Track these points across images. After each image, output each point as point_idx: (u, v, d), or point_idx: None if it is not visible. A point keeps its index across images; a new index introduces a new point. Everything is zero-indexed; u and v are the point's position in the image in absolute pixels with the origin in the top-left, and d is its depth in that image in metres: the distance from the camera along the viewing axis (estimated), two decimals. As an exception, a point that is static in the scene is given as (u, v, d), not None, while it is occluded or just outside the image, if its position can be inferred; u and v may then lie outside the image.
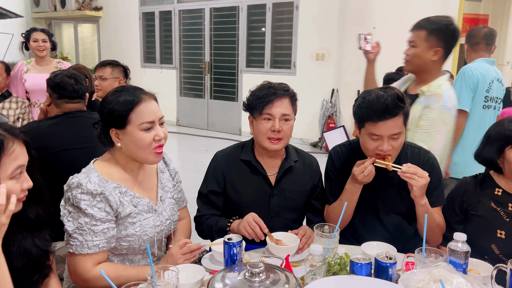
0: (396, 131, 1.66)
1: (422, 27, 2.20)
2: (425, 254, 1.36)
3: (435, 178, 1.80)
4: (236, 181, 1.86)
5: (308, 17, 7.13)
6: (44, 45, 3.85)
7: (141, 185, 1.55)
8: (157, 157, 1.49)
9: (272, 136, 1.77)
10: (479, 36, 3.15)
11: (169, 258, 1.47)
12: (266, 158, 1.88)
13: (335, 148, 1.97)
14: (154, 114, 1.47)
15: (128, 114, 1.43)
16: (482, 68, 3.05)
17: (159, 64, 9.28)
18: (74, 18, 10.19)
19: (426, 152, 1.85)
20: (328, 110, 7.03)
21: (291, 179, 1.88)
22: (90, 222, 1.39)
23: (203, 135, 8.13)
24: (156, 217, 1.55)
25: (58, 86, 2.23)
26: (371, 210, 1.84)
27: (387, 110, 1.63)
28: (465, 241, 1.35)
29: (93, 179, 1.41)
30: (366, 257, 1.35)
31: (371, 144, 1.71)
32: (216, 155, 1.94)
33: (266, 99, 1.76)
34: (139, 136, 1.44)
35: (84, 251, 1.38)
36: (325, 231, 1.57)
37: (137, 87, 1.53)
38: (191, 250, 1.46)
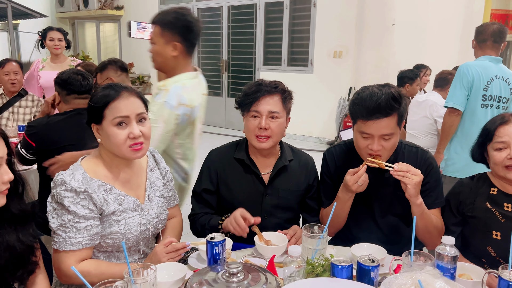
0: (388, 131, 1.60)
1: (156, 23, 2.03)
2: (413, 258, 1.31)
3: (433, 179, 1.75)
4: (229, 180, 1.84)
5: (326, 14, 7.05)
6: (59, 44, 3.98)
7: (128, 183, 1.55)
8: (134, 154, 1.46)
9: (259, 133, 1.74)
10: (486, 33, 3.04)
11: (154, 256, 1.46)
12: (259, 157, 1.85)
13: (329, 150, 1.93)
14: (129, 109, 1.44)
15: (104, 109, 1.43)
16: (480, 66, 2.97)
17: (178, 63, 9.33)
18: (96, 17, 10.39)
19: (423, 152, 1.79)
20: (345, 109, 6.93)
21: (285, 178, 1.85)
22: (73, 219, 1.39)
23: (221, 133, 8.15)
24: (142, 215, 1.55)
25: (65, 82, 2.31)
26: (366, 211, 1.80)
27: (379, 109, 1.57)
28: (453, 245, 1.30)
29: (77, 177, 1.41)
30: (352, 259, 1.31)
31: (361, 142, 1.66)
32: (210, 153, 1.92)
33: (253, 95, 1.73)
34: (112, 132, 1.43)
35: (67, 247, 1.39)
36: (314, 231, 1.53)
37: (124, 84, 1.51)
38: (175, 249, 1.46)
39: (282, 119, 1.76)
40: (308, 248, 1.49)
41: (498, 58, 3.04)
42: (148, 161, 1.66)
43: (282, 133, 1.79)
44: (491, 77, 2.95)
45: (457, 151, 3.04)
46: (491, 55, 3.04)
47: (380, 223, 1.79)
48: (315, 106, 7.29)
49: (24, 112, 3.48)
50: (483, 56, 3.06)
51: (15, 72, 3.46)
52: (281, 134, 1.78)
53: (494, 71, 2.97)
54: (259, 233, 1.62)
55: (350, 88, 6.91)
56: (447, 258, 1.27)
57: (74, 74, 2.34)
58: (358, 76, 6.72)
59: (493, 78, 2.96)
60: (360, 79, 6.66)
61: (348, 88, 6.94)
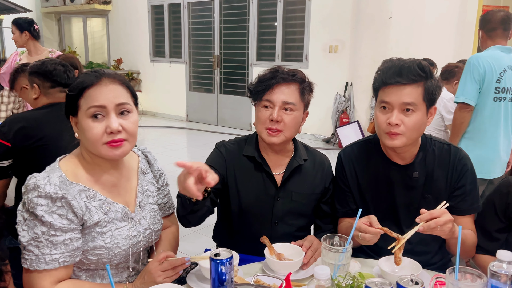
0: (409, 100, 1.40)
1: None
2: (458, 276, 1.10)
3: (469, 181, 1.53)
4: (238, 179, 1.62)
5: (321, 7, 6.84)
6: (13, 38, 3.70)
7: (115, 187, 1.30)
8: (112, 151, 1.21)
9: (270, 126, 1.53)
10: (495, 20, 2.83)
11: (147, 275, 1.22)
12: (271, 155, 1.63)
13: (345, 150, 1.69)
14: (107, 98, 1.19)
15: (79, 98, 1.20)
16: (492, 57, 2.77)
17: (168, 58, 9.08)
18: (83, 12, 10.07)
19: (456, 150, 1.57)
20: (341, 105, 6.74)
21: (299, 180, 1.63)
22: (47, 231, 1.14)
23: (213, 131, 7.91)
24: (132, 226, 1.30)
25: (51, 74, 2.09)
26: (392, 217, 1.57)
27: (401, 72, 1.39)
28: (511, 261, 1.08)
29: (54, 180, 1.16)
30: (384, 278, 1.09)
31: (380, 117, 1.45)
32: (218, 145, 1.69)
33: (267, 82, 1.53)
34: (86, 125, 1.19)
35: (40, 266, 1.14)
36: (335, 243, 1.31)
37: (110, 71, 1.27)
38: (173, 266, 1.22)
39: (298, 112, 1.55)
40: (329, 263, 1.27)
41: (509, 47, 2.84)
42: (139, 163, 1.42)
43: (296, 129, 1.58)
44: (504, 68, 2.76)
45: (468, 148, 2.83)
46: (502, 44, 2.84)
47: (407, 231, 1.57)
48: (311, 102, 7.07)
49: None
50: (493, 46, 2.86)
51: None
52: (295, 130, 1.58)
53: (506, 61, 2.77)
54: (270, 245, 1.39)
55: (346, 83, 6.72)
56: (505, 278, 1.05)
57: (59, 65, 2.12)
58: (354, 71, 6.53)
59: (506, 69, 2.76)
60: (357, 74, 6.48)
61: (344, 83, 6.74)
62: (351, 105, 6.64)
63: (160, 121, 8.82)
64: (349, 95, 6.68)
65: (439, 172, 1.54)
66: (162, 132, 7.75)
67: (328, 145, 6.89)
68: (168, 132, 7.81)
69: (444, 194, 1.55)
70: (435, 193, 1.54)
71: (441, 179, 1.54)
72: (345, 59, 6.72)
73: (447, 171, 1.54)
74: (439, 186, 1.55)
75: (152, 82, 9.49)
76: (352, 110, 6.63)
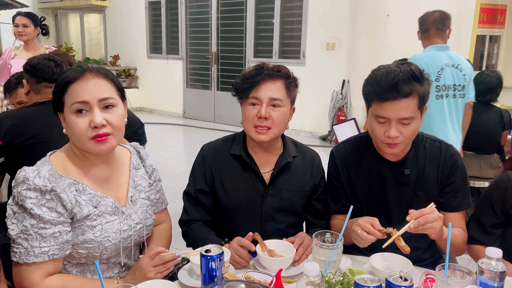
0: (407, 115, 1.38)
1: None
2: (448, 273, 1.10)
3: (459, 177, 1.53)
4: (225, 179, 1.61)
5: (319, 4, 6.83)
6: (24, 31, 3.64)
7: (107, 182, 1.31)
8: (98, 146, 1.21)
9: (258, 123, 1.51)
10: (428, 22, 2.97)
11: (138, 270, 1.22)
12: (259, 153, 1.62)
13: (337, 147, 1.68)
14: (90, 93, 1.19)
15: (63, 94, 1.21)
16: (428, 57, 2.88)
17: (165, 55, 9.05)
18: (80, 8, 10.03)
19: (448, 146, 1.57)
20: (338, 102, 6.74)
21: (288, 177, 1.62)
22: (37, 224, 1.15)
23: (210, 128, 7.90)
24: (123, 220, 1.30)
25: (35, 69, 2.03)
26: (383, 214, 1.57)
27: (396, 88, 1.35)
28: (500, 259, 1.08)
29: (43, 173, 1.17)
30: (375, 274, 1.10)
31: (377, 129, 1.44)
32: (202, 148, 1.68)
33: (253, 80, 1.50)
34: (71, 121, 1.20)
35: (29, 259, 1.14)
36: (326, 240, 1.31)
37: (95, 65, 1.26)
38: (164, 262, 1.22)
39: (285, 108, 1.54)
40: (320, 260, 1.27)
41: (445, 45, 2.94)
42: (131, 158, 1.42)
43: (285, 125, 1.57)
44: (441, 66, 2.86)
45: None
46: (437, 43, 2.94)
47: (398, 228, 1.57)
48: (307, 99, 7.07)
49: None
50: (429, 46, 2.97)
51: None
52: (283, 126, 1.56)
53: (443, 59, 2.87)
54: (262, 241, 1.39)
55: (344, 81, 6.72)
56: (493, 274, 1.05)
57: (45, 60, 2.06)
58: (351, 68, 6.52)
59: (443, 67, 2.87)
60: (354, 72, 6.47)
61: (342, 81, 6.74)
62: (348, 103, 6.64)
63: (157, 118, 8.80)
64: (346, 92, 6.68)
65: (430, 168, 1.55)
66: (159, 129, 7.73)
67: (324, 143, 6.89)
68: (165, 129, 7.80)
69: (435, 190, 1.55)
70: (426, 190, 1.54)
71: (432, 176, 1.55)
72: (342, 57, 6.72)
73: (438, 167, 1.54)
74: (430, 183, 1.55)
75: (149, 79, 9.46)
76: (349, 107, 6.63)
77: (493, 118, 3.32)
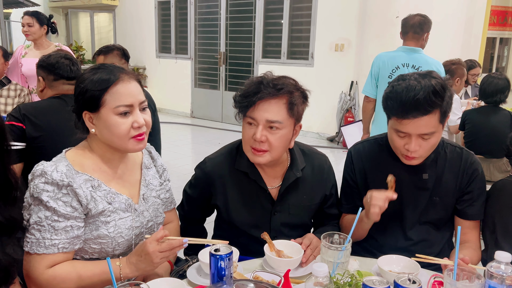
0: (427, 131, 1.36)
1: None
2: (456, 276, 1.10)
3: (477, 186, 1.53)
4: (231, 197, 1.54)
5: (327, 5, 6.82)
6: (29, 30, 3.66)
7: (121, 179, 1.34)
8: (138, 145, 1.28)
9: (254, 146, 1.41)
10: (407, 25, 3.19)
11: (144, 254, 1.19)
12: (266, 168, 1.53)
13: (356, 146, 1.67)
14: (133, 96, 1.26)
15: (102, 95, 1.23)
16: (387, 56, 3.19)
17: (174, 54, 9.09)
18: (90, 7, 10.10)
19: (468, 154, 1.56)
20: (346, 103, 6.72)
21: (297, 192, 1.55)
22: (51, 217, 1.18)
23: (217, 128, 7.92)
24: (136, 217, 1.33)
25: (54, 67, 2.13)
26: (396, 218, 1.57)
27: (417, 106, 1.32)
28: (509, 262, 1.08)
29: (61, 168, 1.20)
30: (383, 276, 1.10)
31: (397, 141, 1.43)
32: (204, 162, 1.59)
33: (250, 98, 1.38)
34: (114, 122, 1.23)
35: (40, 250, 1.17)
36: (334, 241, 1.32)
37: (118, 66, 1.31)
38: (172, 248, 1.19)
39: (285, 130, 1.41)
40: (328, 261, 1.27)
41: (415, 48, 3.17)
42: (143, 158, 1.45)
43: (285, 146, 1.46)
44: (397, 65, 3.12)
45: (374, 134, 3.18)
46: (410, 45, 3.18)
47: (410, 231, 1.57)
48: (315, 100, 7.01)
49: (6, 103, 3.23)
50: (400, 46, 3.23)
51: None
52: (283, 148, 1.45)
53: (402, 59, 3.12)
54: (270, 241, 1.40)
55: (352, 82, 6.70)
56: (503, 278, 1.05)
57: (63, 58, 2.16)
58: (360, 70, 6.50)
59: (399, 66, 3.12)
60: (362, 73, 6.45)
61: (350, 82, 6.73)
62: (356, 104, 6.62)
63: (165, 117, 8.83)
64: (354, 94, 6.66)
65: (449, 175, 1.54)
66: (167, 128, 7.75)
67: (332, 144, 6.88)
68: (173, 128, 7.82)
69: (452, 197, 1.55)
70: (443, 196, 1.54)
71: (451, 182, 1.54)
72: (351, 58, 6.70)
73: (458, 174, 1.53)
74: (448, 189, 1.54)
75: (157, 78, 9.50)
76: (357, 109, 6.62)
77: (503, 121, 3.28)
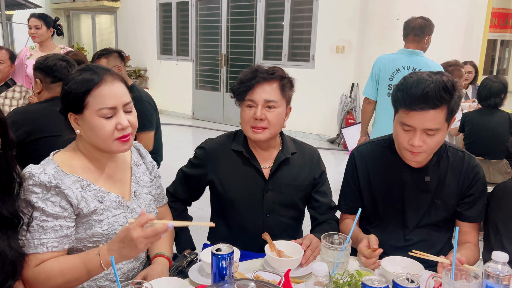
0: (433, 126, 1.37)
1: None
2: (454, 276, 1.12)
3: (479, 190, 1.54)
4: (227, 173, 1.68)
5: (328, 7, 6.84)
6: (36, 32, 3.71)
7: (111, 178, 1.36)
8: (123, 146, 1.29)
9: (254, 124, 1.59)
10: (408, 28, 3.22)
11: (128, 243, 1.12)
12: (259, 149, 1.69)
13: (359, 148, 1.69)
14: (117, 98, 1.26)
15: (85, 97, 1.24)
16: (388, 58, 3.21)
17: (175, 56, 9.12)
18: (92, 9, 10.14)
19: (471, 157, 1.57)
20: (347, 105, 6.74)
21: (287, 172, 1.69)
22: (39, 217, 1.20)
23: (218, 129, 7.93)
24: (128, 214, 1.35)
25: (52, 69, 2.14)
26: (399, 217, 1.59)
27: (425, 99, 1.34)
28: (506, 262, 1.10)
29: (48, 170, 1.22)
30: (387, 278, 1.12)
31: (402, 136, 1.44)
32: (206, 142, 1.76)
33: (248, 83, 1.58)
34: (98, 124, 1.24)
35: (29, 251, 1.18)
36: (335, 242, 1.34)
37: (104, 66, 1.32)
38: (156, 233, 1.11)
39: (280, 108, 1.61)
40: (328, 261, 1.29)
41: (416, 51, 3.17)
42: (132, 155, 1.47)
43: (281, 124, 1.64)
44: (398, 68, 3.14)
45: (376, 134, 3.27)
46: (410, 48, 3.19)
47: (411, 233, 1.59)
48: (316, 102, 7.09)
49: (11, 104, 3.25)
50: (401, 49, 3.25)
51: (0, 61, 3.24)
52: (279, 125, 1.63)
53: (402, 62, 3.14)
54: (271, 242, 1.42)
55: (353, 84, 6.72)
56: (500, 278, 1.07)
57: (59, 60, 2.17)
58: (361, 72, 6.52)
59: (400, 69, 3.13)
60: (363, 75, 6.47)
61: (351, 84, 6.75)
62: (357, 106, 6.64)
63: (166, 119, 8.86)
64: (355, 95, 6.68)
65: (451, 178, 1.55)
66: (168, 130, 7.77)
67: (333, 146, 6.89)
68: (174, 130, 7.85)
69: (454, 200, 1.56)
70: (445, 198, 1.55)
71: (453, 185, 1.55)
72: (352, 60, 6.72)
73: (460, 177, 1.55)
74: (450, 192, 1.56)
75: (159, 80, 9.53)
76: (358, 111, 6.63)
77: (501, 123, 3.31)
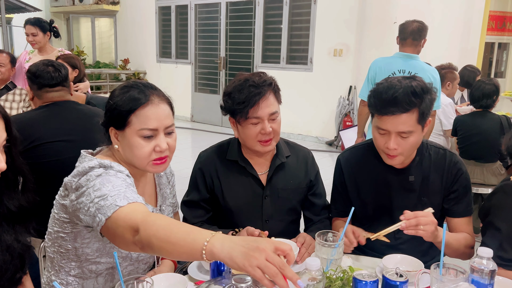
0: (405, 129, 1.44)
1: None
2: (443, 271, 1.16)
3: (463, 185, 1.59)
4: (224, 184, 1.68)
5: (326, 11, 6.91)
6: (34, 39, 3.70)
7: (142, 194, 1.35)
8: (158, 168, 1.28)
9: (262, 139, 1.58)
10: (406, 32, 3.23)
11: (249, 248, 0.91)
12: (254, 157, 1.70)
13: (344, 154, 1.75)
14: (160, 121, 1.24)
15: (129, 115, 1.23)
16: (385, 62, 3.25)
17: (174, 59, 9.18)
18: (91, 12, 10.19)
19: (452, 154, 1.62)
20: (345, 108, 6.80)
21: (283, 176, 1.70)
22: (106, 174, 1.17)
23: (217, 132, 8.00)
24: None
25: (35, 76, 2.08)
26: (388, 219, 1.62)
27: (395, 103, 1.41)
28: (491, 258, 1.15)
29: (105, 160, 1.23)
30: (373, 272, 1.16)
31: (379, 140, 1.51)
32: (200, 156, 1.74)
33: (251, 101, 1.52)
34: (137, 143, 1.23)
35: (121, 202, 1.08)
36: (328, 239, 1.39)
37: (152, 85, 1.30)
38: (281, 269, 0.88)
39: (279, 115, 1.62)
40: (322, 258, 1.34)
41: (412, 55, 3.21)
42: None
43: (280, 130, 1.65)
44: (393, 71, 3.16)
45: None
46: (407, 51, 3.22)
47: (400, 231, 1.63)
48: (314, 105, 7.15)
49: (11, 107, 3.29)
50: (397, 52, 3.27)
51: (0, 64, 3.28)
52: (279, 131, 1.65)
53: (398, 65, 3.17)
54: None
55: (350, 87, 6.78)
56: (485, 273, 1.12)
57: (44, 66, 2.10)
58: (358, 75, 6.58)
59: (395, 72, 3.16)
60: (361, 78, 6.50)
61: (348, 87, 6.81)
62: (355, 109, 6.70)
63: (165, 121, 8.91)
64: (352, 98, 6.74)
65: (434, 175, 1.60)
66: (167, 132, 7.83)
67: (331, 148, 6.95)
68: (173, 132, 7.89)
69: (439, 197, 1.61)
70: (431, 196, 1.60)
71: (437, 183, 1.60)
72: (349, 63, 6.78)
73: (443, 175, 1.60)
74: (434, 189, 1.60)
75: (158, 83, 9.45)
76: (355, 113, 6.69)
77: (493, 127, 3.32)
